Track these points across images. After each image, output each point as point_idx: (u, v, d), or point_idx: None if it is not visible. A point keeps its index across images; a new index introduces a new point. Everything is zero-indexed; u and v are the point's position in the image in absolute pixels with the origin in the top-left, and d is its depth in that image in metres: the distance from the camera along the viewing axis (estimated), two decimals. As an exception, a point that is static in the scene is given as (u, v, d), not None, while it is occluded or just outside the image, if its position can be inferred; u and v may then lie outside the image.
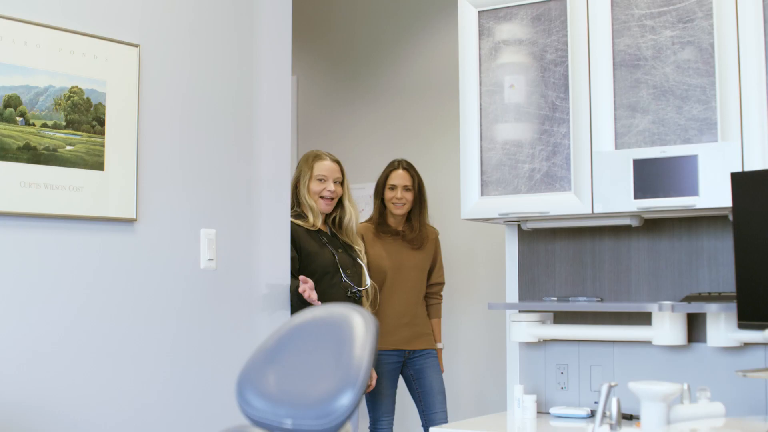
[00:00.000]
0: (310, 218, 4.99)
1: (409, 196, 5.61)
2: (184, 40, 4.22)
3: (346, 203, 5.16)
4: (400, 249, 5.63)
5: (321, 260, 4.89)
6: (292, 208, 5.01)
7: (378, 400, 5.52)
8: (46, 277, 3.71)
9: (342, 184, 5.12)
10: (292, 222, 4.87)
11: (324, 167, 5.07)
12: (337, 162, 5.16)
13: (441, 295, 5.85)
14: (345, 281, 4.92)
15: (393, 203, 5.61)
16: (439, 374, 5.60)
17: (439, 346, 5.74)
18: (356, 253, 5.13)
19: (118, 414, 3.91)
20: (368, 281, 5.11)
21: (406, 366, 5.61)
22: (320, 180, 5.03)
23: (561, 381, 4.06)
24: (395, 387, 5.58)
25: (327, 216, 5.13)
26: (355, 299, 4.99)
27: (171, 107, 4.15)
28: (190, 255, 4.20)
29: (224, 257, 4.32)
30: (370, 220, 5.73)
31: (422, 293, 5.68)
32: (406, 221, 5.70)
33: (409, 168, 5.68)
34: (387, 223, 5.67)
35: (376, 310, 5.48)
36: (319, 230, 5.01)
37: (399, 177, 5.62)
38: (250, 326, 4.42)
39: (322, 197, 5.03)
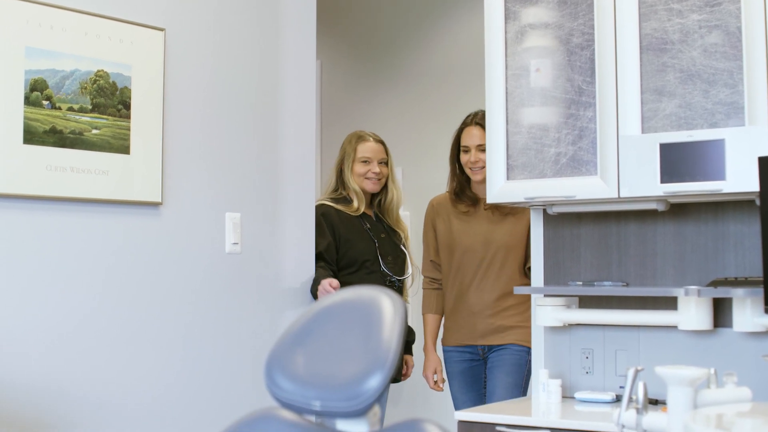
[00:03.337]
0: (355, 203, 4.89)
1: (486, 157, 4.36)
2: (210, 24, 4.23)
3: (390, 184, 5.02)
4: (482, 222, 4.75)
5: (360, 247, 4.81)
6: (335, 191, 4.96)
7: (454, 404, 4.81)
8: (71, 261, 3.72)
9: (387, 164, 5.00)
10: (332, 207, 4.82)
11: (368, 148, 4.96)
12: (381, 142, 5.03)
13: None
14: (383, 270, 4.87)
15: (470, 168, 4.73)
16: (509, 376, 4.62)
17: None
18: (399, 238, 5.00)
19: (142, 396, 3.92)
20: (410, 270, 5.02)
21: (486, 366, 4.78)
22: (364, 162, 4.93)
23: (586, 365, 4.05)
24: (475, 392, 4.79)
25: (373, 198, 5.03)
26: (394, 289, 4.84)
27: (196, 91, 4.16)
28: (214, 239, 4.21)
29: (249, 241, 4.33)
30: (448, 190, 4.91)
31: (514, 277, 4.70)
32: None
33: (484, 122, 4.35)
34: (466, 192, 4.81)
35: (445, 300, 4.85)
36: (363, 214, 4.92)
37: (471, 136, 4.74)
38: (275, 309, 4.43)
39: (367, 179, 4.92)
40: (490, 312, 4.68)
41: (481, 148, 4.60)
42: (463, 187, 4.81)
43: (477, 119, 4.73)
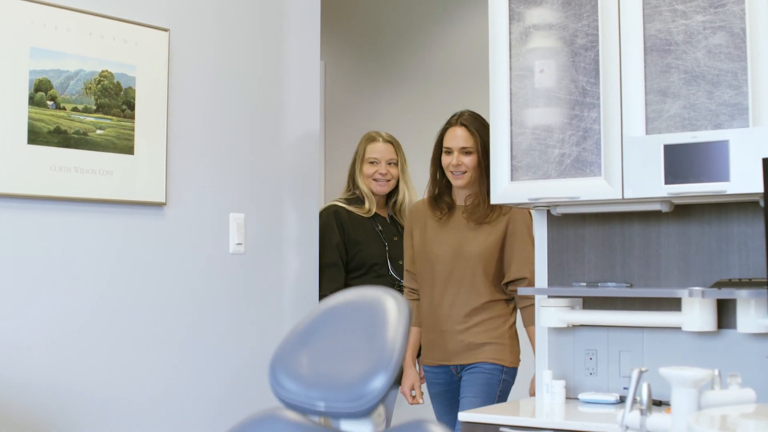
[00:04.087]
0: (366, 204, 4.84)
1: (469, 161, 4.38)
2: (214, 24, 4.23)
3: (401, 185, 4.94)
4: (455, 231, 4.43)
5: (368, 250, 4.77)
6: (348, 192, 4.92)
7: None
8: (75, 261, 3.72)
9: (397, 164, 4.92)
10: (343, 208, 4.79)
11: (375, 149, 4.90)
12: (392, 142, 4.95)
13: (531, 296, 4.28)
14: (392, 274, 4.81)
15: (450, 172, 4.41)
16: (478, 398, 4.28)
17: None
18: None
19: (146, 395, 3.93)
20: None
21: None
22: (372, 162, 4.87)
23: (590, 367, 4.05)
24: (455, 414, 4.32)
25: (388, 199, 4.98)
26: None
27: (200, 92, 4.16)
28: (218, 239, 4.21)
29: (253, 242, 4.33)
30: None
31: (485, 292, 4.36)
32: (478, 194, 4.42)
33: (469, 123, 4.41)
34: (444, 198, 4.49)
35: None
36: (376, 216, 4.87)
37: (455, 137, 4.41)
38: (278, 310, 4.43)
39: (374, 180, 4.86)
40: (460, 328, 4.36)
41: (465, 151, 4.39)
42: (442, 192, 4.50)
43: (462, 120, 4.43)
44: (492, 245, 4.36)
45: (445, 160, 4.42)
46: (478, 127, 4.38)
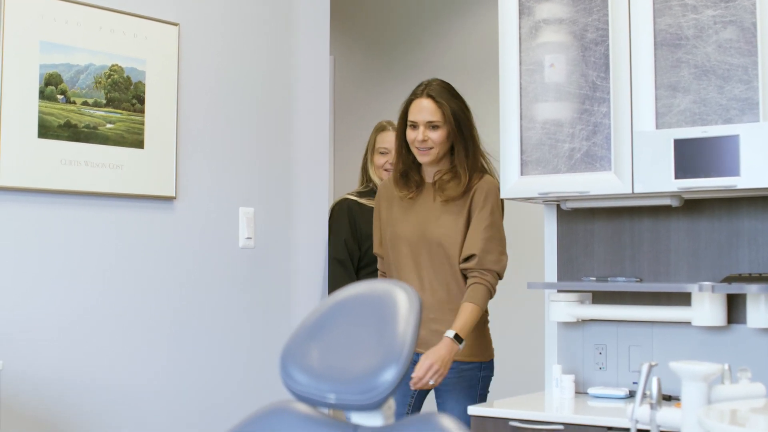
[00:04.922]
0: None
1: (436, 136, 3.95)
2: (223, 19, 4.23)
3: None
4: (421, 211, 4.04)
5: None
6: (362, 184, 4.84)
7: None
8: (86, 254, 3.73)
9: None
10: (354, 201, 4.72)
11: (386, 139, 4.79)
12: None
13: (482, 273, 3.88)
14: None
15: (416, 147, 3.98)
16: (460, 404, 3.94)
17: (449, 333, 3.78)
18: None
19: (155, 390, 3.93)
20: None
21: None
22: (382, 153, 4.78)
23: (599, 361, 4.05)
24: (396, 400, 4.00)
25: None
26: None
27: (210, 86, 4.17)
28: (228, 233, 4.22)
29: (262, 236, 4.33)
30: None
31: (455, 275, 3.96)
32: (450, 170, 4.01)
33: (437, 94, 4.00)
34: (411, 176, 4.09)
35: None
36: None
37: (420, 109, 3.99)
38: (288, 304, 4.44)
39: (385, 170, 4.74)
40: (433, 316, 3.94)
41: (432, 125, 3.94)
42: (408, 169, 4.08)
43: (429, 90, 4.02)
44: (457, 226, 3.96)
45: (410, 134, 3.99)
46: (448, 97, 3.99)
